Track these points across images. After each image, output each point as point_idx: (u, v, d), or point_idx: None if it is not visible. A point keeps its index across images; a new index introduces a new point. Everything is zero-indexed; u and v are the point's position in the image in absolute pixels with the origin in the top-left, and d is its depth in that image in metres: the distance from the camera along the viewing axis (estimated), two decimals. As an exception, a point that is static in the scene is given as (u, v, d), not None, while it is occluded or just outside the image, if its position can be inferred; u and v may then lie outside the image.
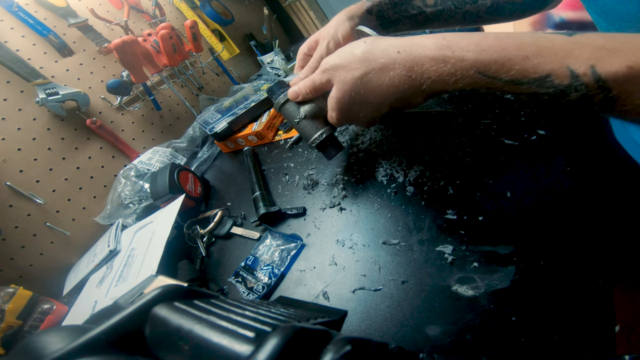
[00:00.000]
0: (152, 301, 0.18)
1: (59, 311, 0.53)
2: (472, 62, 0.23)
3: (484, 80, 0.23)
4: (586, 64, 0.19)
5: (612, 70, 0.18)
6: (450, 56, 0.24)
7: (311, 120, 0.41)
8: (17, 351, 0.17)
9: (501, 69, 0.22)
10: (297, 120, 0.41)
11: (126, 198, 0.69)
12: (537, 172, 0.34)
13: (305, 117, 0.41)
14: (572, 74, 0.20)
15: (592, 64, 0.19)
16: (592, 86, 0.19)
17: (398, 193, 0.41)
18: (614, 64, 0.18)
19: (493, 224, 0.32)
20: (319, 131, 0.41)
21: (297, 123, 0.42)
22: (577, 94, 0.20)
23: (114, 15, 0.90)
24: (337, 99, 0.33)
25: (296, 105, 0.41)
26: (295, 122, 0.42)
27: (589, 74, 0.19)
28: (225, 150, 0.80)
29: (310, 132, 0.41)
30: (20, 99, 0.68)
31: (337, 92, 0.33)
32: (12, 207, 0.62)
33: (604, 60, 0.19)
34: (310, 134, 0.41)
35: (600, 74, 0.19)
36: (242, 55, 1.28)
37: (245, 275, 0.43)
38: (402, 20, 0.46)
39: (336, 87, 0.33)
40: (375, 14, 0.45)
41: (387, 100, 0.30)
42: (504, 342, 0.25)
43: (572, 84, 0.20)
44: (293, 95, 0.40)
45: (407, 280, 0.32)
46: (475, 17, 0.45)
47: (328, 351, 0.14)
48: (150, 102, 0.90)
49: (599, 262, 0.26)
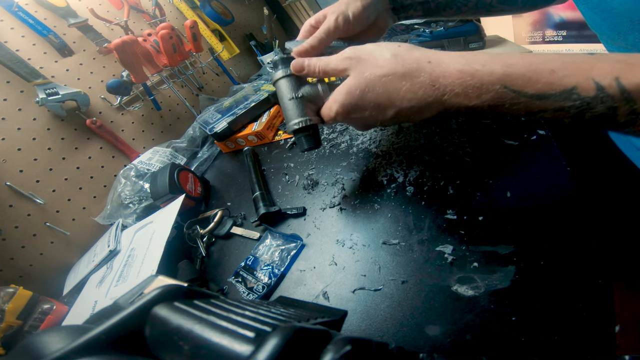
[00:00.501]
0: (152, 301, 0.18)
1: (59, 311, 0.53)
2: (500, 76, 0.23)
3: (509, 95, 0.23)
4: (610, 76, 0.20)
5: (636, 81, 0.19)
6: (479, 70, 0.24)
7: (304, 103, 0.38)
8: (17, 351, 0.17)
9: (528, 83, 0.22)
10: (290, 97, 0.38)
11: (126, 198, 0.69)
12: (537, 172, 0.34)
13: (300, 97, 0.37)
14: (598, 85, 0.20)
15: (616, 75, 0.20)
16: (618, 97, 0.20)
17: (398, 193, 0.41)
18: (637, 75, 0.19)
19: (493, 224, 0.32)
20: (306, 117, 0.37)
21: (288, 100, 0.38)
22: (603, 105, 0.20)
23: (114, 15, 0.90)
24: (348, 89, 0.31)
25: (296, 83, 0.38)
26: (287, 98, 0.38)
27: (614, 86, 0.20)
28: (225, 150, 0.80)
29: (296, 114, 0.38)
30: (20, 99, 0.68)
31: (351, 83, 0.31)
32: (12, 207, 0.62)
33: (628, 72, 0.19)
34: (295, 116, 0.38)
35: (625, 85, 0.19)
36: (242, 55, 1.28)
37: (245, 275, 0.43)
38: (415, 6, 0.44)
39: (352, 78, 0.31)
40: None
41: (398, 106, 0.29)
42: (504, 342, 0.25)
43: (598, 95, 0.20)
44: (297, 67, 0.37)
45: (407, 280, 0.32)
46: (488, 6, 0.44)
47: (328, 351, 0.14)
48: (150, 102, 0.90)
49: (599, 262, 0.26)
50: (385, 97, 0.29)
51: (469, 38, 0.75)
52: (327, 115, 0.35)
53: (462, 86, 0.25)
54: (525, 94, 0.22)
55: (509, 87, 0.23)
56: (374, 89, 0.29)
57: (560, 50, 0.82)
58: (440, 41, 0.77)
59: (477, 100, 0.24)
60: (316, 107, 0.38)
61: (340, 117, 0.34)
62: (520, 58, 0.23)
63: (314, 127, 0.39)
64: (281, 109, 0.40)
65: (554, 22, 0.81)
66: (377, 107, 0.30)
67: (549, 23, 0.82)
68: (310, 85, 0.38)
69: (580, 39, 0.81)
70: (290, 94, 0.38)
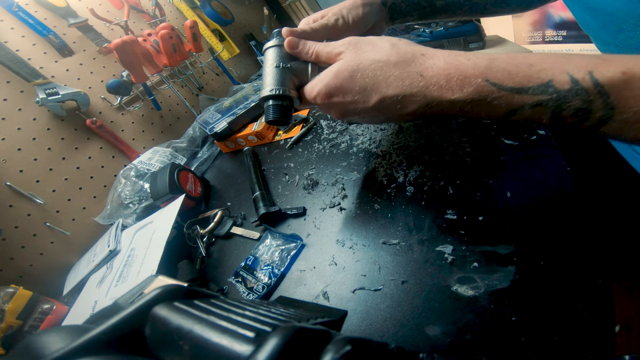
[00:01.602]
0: (152, 301, 0.18)
1: (59, 311, 0.53)
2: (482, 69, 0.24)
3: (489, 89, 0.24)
4: (584, 69, 0.21)
5: (608, 75, 0.20)
6: (464, 62, 0.25)
7: (287, 75, 0.36)
8: (17, 351, 0.17)
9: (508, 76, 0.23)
10: (276, 65, 0.36)
11: (126, 198, 0.69)
12: (536, 172, 0.34)
13: (285, 67, 0.36)
14: (572, 79, 0.21)
15: (589, 69, 0.21)
16: (592, 91, 0.20)
17: (398, 193, 0.41)
18: (610, 70, 0.20)
19: (493, 224, 0.32)
20: (285, 87, 0.36)
21: (272, 67, 0.36)
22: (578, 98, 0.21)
23: (114, 15, 0.90)
24: (337, 71, 0.30)
25: (286, 54, 0.37)
26: (272, 66, 0.37)
27: (587, 79, 0.20)
28: (225, 150, 0.81)
29: (275, 82, 0.36)
30: (20, 99, 0.68)
31: (341, 65, 0.30)
32: (12, 207, 0.62)
33: (601, 66, 0.20)
34: (273, 83, 0.36)
35: (598, 79, 0.20)
36: (242, 55, 1.28)
37: (245, 275, 0.43)
38: (411, 12, 0.45)
39: (344, 60, 0.30)
40: (389, 6, 0.44)
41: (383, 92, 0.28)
42: (504, 342, 0.25)
43: (572, 88, 0.21)
44: (292, 44, 0.36)
45: (407, 280, 0.32)
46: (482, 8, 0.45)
47: (328, 351, 0.14)
48: (150, 102, 0.90)
49: (599, 262, 0.26)
50: (373, 82, 0.29)
51: (469, 38, 0.75)
52: (308, 93, 0.34)
53: (446, 78, 0.25)
54: (505, 87, 0.23)
55: (490, 80, 0.23)
56: (364, 73, 0.29)
57: (560, 50, 0.82)
58: (440, 41, 0.77)
59: (459, 92, 0.25)
60: (299, 82, 0.37)
61: (320, 98, 0.33)
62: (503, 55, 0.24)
63: (289, 99, 0.36)
64: (262, 76, 0.38)
65: (554, 22, 0.81)
66: (361, 91, 0.29)
67: (549, 23, 0.82)
68: (300, 62, 0.37)
69: (580, 39, 0.81)
70: (277, 62, 0.36)
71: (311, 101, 0.35)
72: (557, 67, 0.22)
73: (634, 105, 0.19)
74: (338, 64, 0.31)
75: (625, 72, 0.19)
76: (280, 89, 0.35)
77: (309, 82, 0.35)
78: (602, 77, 0.20)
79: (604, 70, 0.20)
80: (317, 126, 0.66)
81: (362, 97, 0.30)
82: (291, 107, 0.37)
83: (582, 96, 0.21)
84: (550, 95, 0.22)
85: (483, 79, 0.24)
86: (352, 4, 0.42)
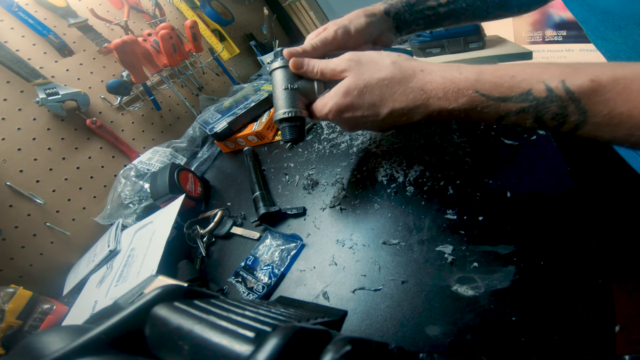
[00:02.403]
0: (152, 301, 0.18)
1: (59, 311, 0.53)
2: (472, 82, 0.27)
3: (479, 99, 0.27)
4: (557, 79, 0.23)
5: (578, 83, 0.22)
6: (457, 77, 0.28)
7: (296, 95, 0.38)
8: (17, 351, 0.17)
9: (494, 87, 0.26)
10: (284, 87, 0.38)
11: (126, 198, 0.69)
12: (536, 172, 0.34)
13: (294, 89, 0.38)
14: (547, 87, 0.24)
15: (562, 78, 0.23)
16: (565, 97, 0.23)
17: (398, 193, 0.41)
18: (579, 78, 0.23)
19: (493, 224, 0.32)
20: (296, 108, 0.38)
21: (282, 89, 0.38)
22: (554, 104, 0.23)
23: (114, 15, 0.90)
24: (346, 89, 0.33)
25: (292, 75, 0.39)
26: (281, 88, 0.38)
27: (560, 87, 0.23)
28: (225, 150, 0.80)
29: (286, 104, 0.38)
30: (20, 99, 0.68)
31: (349, 83, 0.33)
32: (12, 207, 0.62)
33: (572, 75, 0.23)
34: (285, 105, 0.38)
35: (569, 86, 0.23)
36: (242, 55, 1.28)
37: (245, 275, 0.43)
38: (417, 21, 0.46)
39: (351, 79, 0.33)
40: (393, 16, 0.45)
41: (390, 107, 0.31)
42: (504, 342, 0.25)
43: (548, 95, 0.24)
44: (296, 65, 0.38)
45: (407, 280, 0.32)
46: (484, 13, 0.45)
47: (328, 351, 0.14)
48: (150, 102, 0.90)
49: (599, 262, 0.26)
50: (380, 98, 0.31)
51: (469, 38, 0.75)
52: (319, 111, 0.37)
53: (443, 91, 0.28)
54: (492, 97, 0.26)
55: (479, 91, 0.27)
56: (372, 91, 0.32)
57: (560, 49, 0.82)
58: (440, 41, 0.77)
59: (455, 103, 0.28)
60: (308, 101, 0.39)
61: (332, 114, 0.35)
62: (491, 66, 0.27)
63: (301, 119, 0.39)
64: (273, 97, 0.40)
65: (554, 22, 0.81)
66: (370, 107, 0.32)
67: (549, 23, 0.82)
68: (306, 80, 0.38)
69: (580, 39, 0.81)
70: (285, 84, 0.38)
71: (322, 118, 0.37)
72: (535, 77, 0.24)
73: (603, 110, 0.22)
74: (346, 83, 0.33)
75: (593, 80, 0.22)
76: (292, 110, 0.37)
77: (318, 99, 0.37)
78: (572, 85, 0.23)
79: (574, 78, 0.23)
80: (317, 126, 0.66)
81: (371, 111, 0.32)
82: (304, 126, 0.40)
83: (557, 102, 0.23)
84: (530, 102, 0.24)
85: (474, 91, 0.27)
86: (355, 15, 0.43)
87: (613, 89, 0.21)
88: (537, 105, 0.24)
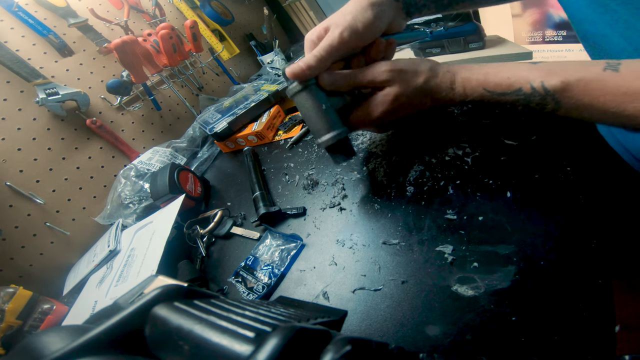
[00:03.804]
0: (152, 301, 0.18)
1: (59, 311, 0.53)
2: (482, 82, 0.34)
3: (486, 94, 0.34)
4: (538, 80, 0.30)
5: (552, 83, 0.29)
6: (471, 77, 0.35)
7: (333, 112, 0.36)
8: (17, 351, 0.17)
9: (496, 87, 0.33)
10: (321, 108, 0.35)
11: (126, 198, 0.69)
12: (536, 172, 0.34)
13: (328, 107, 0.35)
14: (532, 86, 0.31)
15: (542, 80, 0.30)
16: (544, 94, 0.30)
17: (398, 193, 0.41)
18: (554, 79, 0.29)
19: (493, 224, 0.32)
20: (340, 128, 0.36)
21: (318, 111, 0.35)
22: (538, 97, 0.31)
23: (114, 15, 0.90)
24: (395, 95, 0.37)
25: (321, 92, 0.36)
26: (316, 109, 0.35)
27: (540, 86, 0.30)
28: (225, 150, 0.81)
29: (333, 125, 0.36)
30: (20, 99, 0.68)
31: (398, 90, 0.36)
32: (12, 207, 0.62)
33: (548, 77, 0.30)
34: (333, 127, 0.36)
35: (547, 86, 0.30)
36: (242, 55, 1.28)
37: (245, 275, 0.43)
38: (428, 5, 0.43)
39: (399, 87, 0.36)
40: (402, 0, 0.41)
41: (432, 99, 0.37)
42: (504, 342, 0.25)
43: (533, 92, 0.31)
44: (331, 82, 0.36)
45: (407, 280, 0.32)
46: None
47: (328, 351, 0.14)
48: (150, 102, 0.90)
49: (599, 261, 0.26)
50: (421, 97, 0.37)
51: (469, 38, 0.75)
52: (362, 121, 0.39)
53: (463, 88, 0.36)
54: (494, 93, 0.34)
55: (486, 89, 0.34)
56: (420, 93, 0.37)
57: (560, 49, 0.82)
58: (440, 41, 0.77)
59: (471, 96, 0.36)
60: (343, 115, 0.38)
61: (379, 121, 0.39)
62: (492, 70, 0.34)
63: (347, 137, 0.39)
64: (306, 121, 0.37)
65: (554, 22, 0.81)
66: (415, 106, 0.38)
67: (549, 23, 0.82)
68: (335, 94, 0.37)
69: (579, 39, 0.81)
70: (319, 103, 0.35)
71: (364, 127, 0.41)
72: (523, 78, 0.32)
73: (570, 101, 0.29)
74: (393, 92, 0.37)
75: (563, 81, 0.29)
76: (342, 131, 0.37)
77: (357, 110, 0.39)
78: (548, 85, 0.30)
79: (550, 80, 0.30)
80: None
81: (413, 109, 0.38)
82: (349, 141, 0.41)
83: (539, 96, 0.31)
84: (521, 96, 0.32)
85: (482, 89, 0.34)
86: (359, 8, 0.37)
87: (577, 87, 0.28)
88: (525, 98, 0.32)
